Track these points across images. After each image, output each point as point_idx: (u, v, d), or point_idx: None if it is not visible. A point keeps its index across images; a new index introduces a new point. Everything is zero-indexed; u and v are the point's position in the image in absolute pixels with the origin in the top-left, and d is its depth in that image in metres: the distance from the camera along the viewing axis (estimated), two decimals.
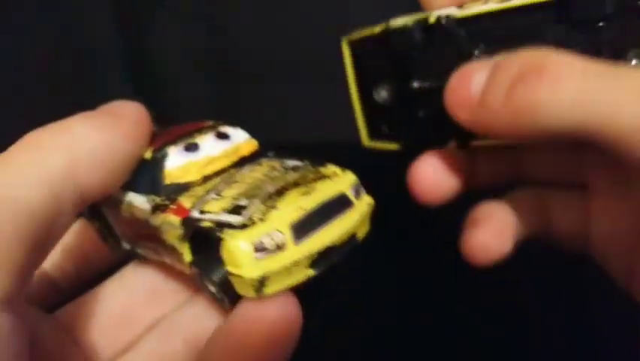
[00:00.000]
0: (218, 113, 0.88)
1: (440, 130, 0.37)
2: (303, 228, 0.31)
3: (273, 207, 0.31)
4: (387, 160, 0.44)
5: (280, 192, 0.33)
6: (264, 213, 0.31)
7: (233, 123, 0.39)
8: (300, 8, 0.74)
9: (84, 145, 0.29)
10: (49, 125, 0.30)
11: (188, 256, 0.32)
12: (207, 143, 0.36)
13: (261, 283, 0.29)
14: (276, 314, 0.29)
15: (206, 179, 0.35)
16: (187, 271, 0.32)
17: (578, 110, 0.26)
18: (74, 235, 0.38)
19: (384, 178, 0.40)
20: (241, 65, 0.78)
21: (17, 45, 0.79)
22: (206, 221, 0.31)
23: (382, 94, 0.40)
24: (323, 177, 0.34)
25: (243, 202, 0.32)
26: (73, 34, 0.78)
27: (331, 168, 0.35)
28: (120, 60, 0.79)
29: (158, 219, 0.32)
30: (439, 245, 0.39)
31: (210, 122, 0.39)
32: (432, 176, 0.39)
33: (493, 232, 0.37)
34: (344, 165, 0.35)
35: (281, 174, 0.35)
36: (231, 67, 0.79)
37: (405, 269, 0.55)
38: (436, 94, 0.34)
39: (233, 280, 0.30)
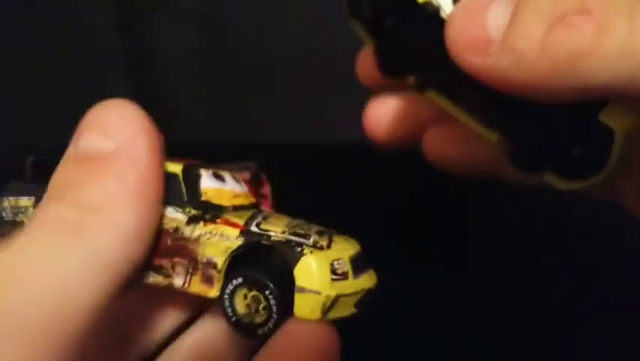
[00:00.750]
0: (218, 113, 0.89)
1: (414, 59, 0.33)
2: (356, 265, 0.32)
3: (331, 240, 0.33)
4: (385, 160, 0.45)
5: (323, 233, 0.33)
6: (326, 243, 0.32)
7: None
8: (300, 9, 0.74)
9: (128, 220, 0.26)
10: (68, 197, 0.27)
11: (222, 269, 0.31)
12: (229, 179, 0.37)
13: (332, 304, 0.30)
14: (328, 338, 0.29)
15: (235, 209, 0.35)
16: (210, 292, 0.31)
17: (630, 62, 0.22)
18: None
19: (383, 178, 0.40)
20: (241, 65, 0.78)
21: (17, 45, 0.79)
22: (275, 237, 0.31)
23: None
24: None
25: (300, 230, 0.32)
26: (73, 34, 0.78)
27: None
28: (120, 60, 0.79)
29: (196, 230, 0.32)
30: (438, 245, 0.39)
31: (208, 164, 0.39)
32: (385, 117, 0.36)
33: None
34: (344, 164, 0.35)
35: (305, 222, 0.35)
36: (232, 67, 0.79)
37: (405, 270, 0.55)
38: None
39: (301, 298, 0.30)
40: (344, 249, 0.33)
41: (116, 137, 0.27)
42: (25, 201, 0.36)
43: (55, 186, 0.28)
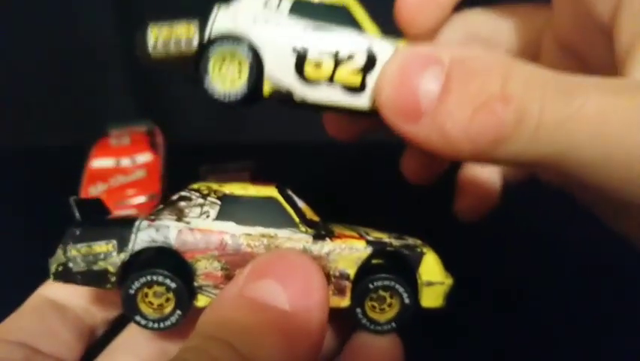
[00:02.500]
0: (218, 113, 0.88)
1: None
2: None
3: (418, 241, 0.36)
4: (382, 158, 0.45)
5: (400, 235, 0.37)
6: (421, 242, 0.35)
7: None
8: None
9: None
10: None
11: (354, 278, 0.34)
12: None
13: (450, 291, 0.34)
14: (397, 345, 0.34)
15: (321, 221, 0.37)
16: (342, 302, 0.33)
17: (540, 145, 0.25)
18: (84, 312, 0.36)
19: (381, 177, 0.40)
20: None
21: (17, 45, 0.79)
22: (394, 243, 0.35)
23: None
24: None
25: (395, 235, 0.36)
26: (73, 34, 0.78)
27: None
28: (120, 60, 0.79)
29: (324, 247, 0.33)
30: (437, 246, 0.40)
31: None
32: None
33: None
34: (343, 164, 0.35)
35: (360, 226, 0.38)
36: None
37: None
38: None
39: (429, 290, 0.34)
40: (430, 248, 0.36)
41: (295, 295, 0.27)
42: (101, 246, 0.32)
43: (223, 324, 0.26)
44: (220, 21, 0.32)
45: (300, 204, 0.36)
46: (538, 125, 0.24)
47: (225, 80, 0.32)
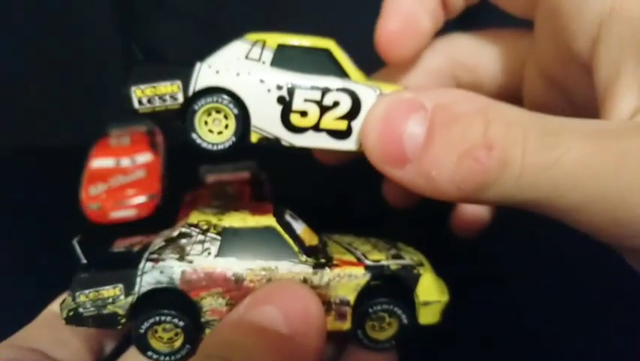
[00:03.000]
0: None
1: None
2: None
3: (414, 255, 0.38)
4: None
5: (401, 249, 0.38)
6: (419, 259, 0.37)
7: None
8: (299, 9, 0.74)
9: None
10: None
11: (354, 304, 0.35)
12: (292, 216, 0.38)
13: (446, 308, 0.36)
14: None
15: (320, 242, 0.37)
16: (343, 326, 0.35)
17: (524, 190, 0.25)
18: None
19: (381, 177, 0.40)
20: None
21: (17, 45, 0.79)
22: (391, 265, 0.36)
23: None
24: None
25: (392, 252, 0.37)
26: (73, 34, 0.78)
27: None
28: (120, 60, 0.79)
29: (324, 277, 0.34)
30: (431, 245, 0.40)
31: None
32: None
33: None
34: (343, 164, 0.35)
35: (374, 240, 0.40)
36: None
37: None
38: None
39: (424, 309, 0.35)
40: (427, 261, 0.37)
41: (293, 321, 0.28)
42: (109, 290, 0.33)
43: (224, 344, 0.27)
44: (203, 75, 0.32)
45: (299, 227, 0.37)
46: (521, 171, 0.25)
47: (212, 132, 0.32)
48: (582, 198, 0.24)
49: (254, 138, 0.32)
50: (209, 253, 0.34)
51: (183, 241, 0.34)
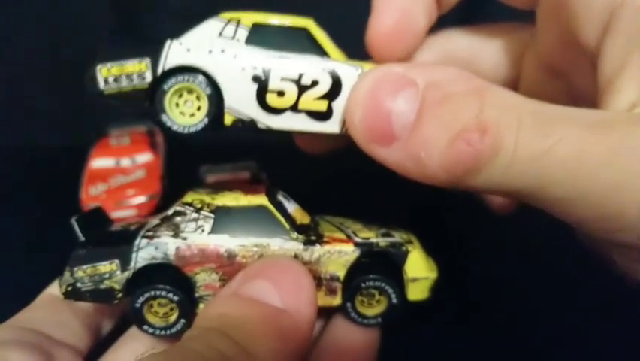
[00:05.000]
0: None
1: None
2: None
3: (404, 234, 0.38)
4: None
5: (393, 228, 0.38)
6: (408, 237, 0.37)
7: None
8: (299, 9, 0.74)
9: None
10: None
11: (344, 280, 0.35)
12: (285, 197, 0.39)
13: (436, 284, 0.36)
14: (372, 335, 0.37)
15: (312, 221, 0.38)
16: (333, 301, 0.35)
17: (514, 178, 0.25)
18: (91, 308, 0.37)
19: (376, 176, 0.40)
20: None
21: (17, 45, 0.79)
22: (380, 242, 0.36)
23: None
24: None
25: (382, 231, 0.38)
26: (73, 33, 0.78)
27: None
28: None
29: (315, 253, 0.34)
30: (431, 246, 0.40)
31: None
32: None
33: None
34: (343, 164, 0.35)
35: (360, 221, 0.40)
36: None
37: None
38: None
39: (412, 285, 0.36)
40: (418, 240, 0.38)
41: (286, 294, 0.28)
42: (105, 266, 0.33)
43: (218, 317, 0.26)
44: (173, 53, 0.30)
45: (291, 207, 0.37)
46: (512, 158, 0.24)
47: (184, 114, 0.31)
48: (575, 190, 0.23)
49: (228, 120, 0.31)
50: (202, 231, 0.34)
51: (178, 218, 0.35)
